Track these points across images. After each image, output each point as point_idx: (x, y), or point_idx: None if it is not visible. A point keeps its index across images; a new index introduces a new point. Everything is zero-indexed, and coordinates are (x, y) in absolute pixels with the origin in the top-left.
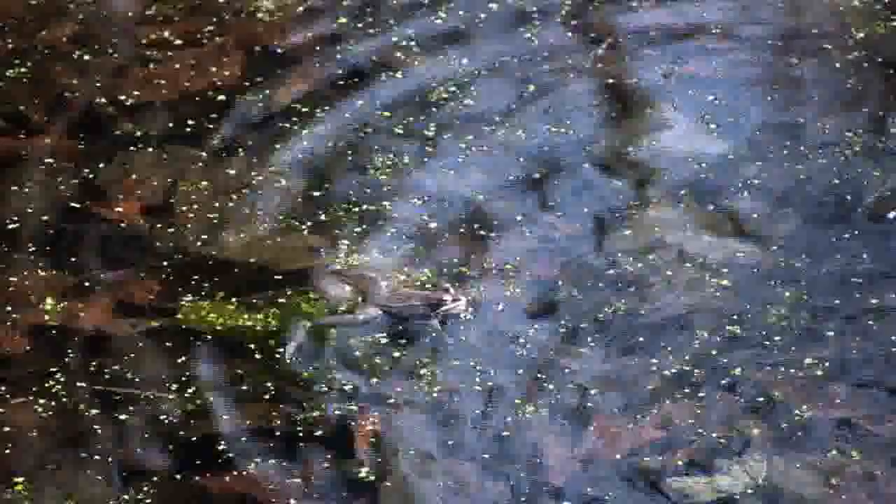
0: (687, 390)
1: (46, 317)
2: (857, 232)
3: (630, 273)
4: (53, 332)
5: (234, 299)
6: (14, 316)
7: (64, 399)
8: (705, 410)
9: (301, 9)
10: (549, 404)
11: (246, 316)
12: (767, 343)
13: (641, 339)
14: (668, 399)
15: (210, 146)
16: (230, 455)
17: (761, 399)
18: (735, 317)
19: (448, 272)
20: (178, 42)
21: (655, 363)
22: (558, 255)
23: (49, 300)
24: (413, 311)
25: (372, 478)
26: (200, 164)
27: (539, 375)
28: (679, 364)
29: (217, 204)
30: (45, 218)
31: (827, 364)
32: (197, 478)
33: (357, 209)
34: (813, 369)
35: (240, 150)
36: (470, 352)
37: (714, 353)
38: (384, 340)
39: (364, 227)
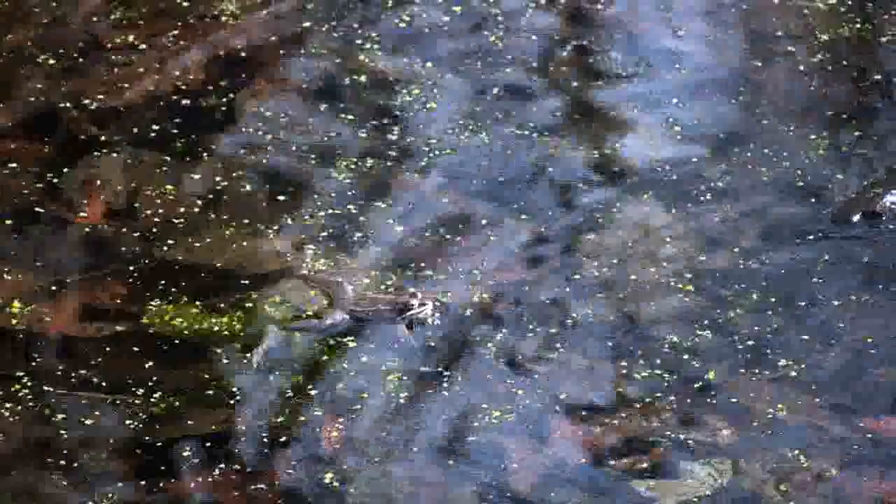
0: (655, 393)
1: (13, 320)
2: (822, 235)
3: (596, 277)
4: (19, 335)
5: (198, 303)
6: None
7: (30, 403)
8: (672, 413)
9: (264, 12)
10: (515, 408)
11: (211, 319)
12: (735, 346)
13: (609, 342)
14: (635, 402)
15: (174, 150)
16: (196, 459)
17: (729, 402)
18: (703, 320)
19: (414, 276)
20: (142, 46)
21: (623, 366)
22: (524, 259)
23: (16, 304)
24: (380, 316)
25: (337, 482)
26: (165, 167)
27: (505, 380)
28: (646, 367)
29: (182, 208)
30: (9, 222)
31: (795, 366)
32: (162, 483)
33: (322, 213)
34: (781, 371)
35: (204, 154)
36: (436, 356)
37: (682, 356)
38: (351, 345)
39: (330, 231)
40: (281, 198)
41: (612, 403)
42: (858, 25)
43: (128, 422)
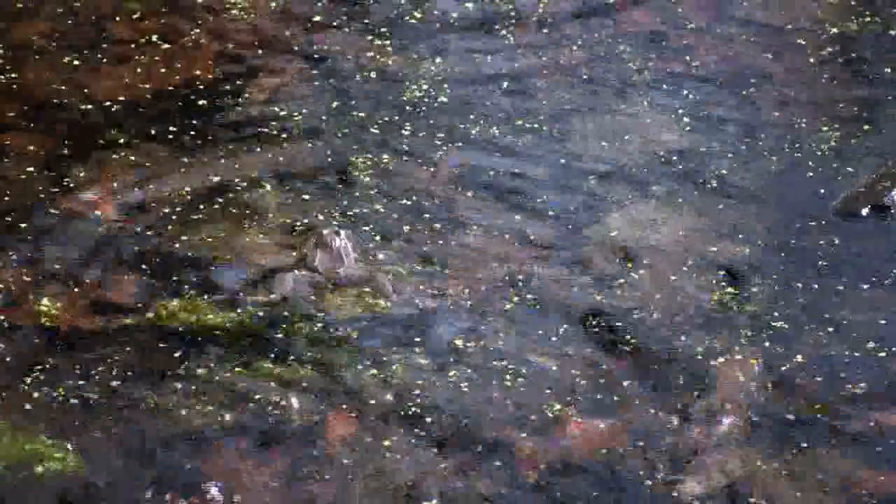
0: (664, 387)
1: (23, 315)
2: (830, 228)
3: (604, 271)
4: (30, 330)
5: (206, 297)
6: None
7: (40, 397)
8: (681, 409)
9: (274, 6)
10: (525, 404)
11: (219, 313)
12: (742, 341)
13: (616, 337)
14: (643, 399)
15: (184, 145)
16: (206, 451)
17: (737, 398)
18: (710, 312)
19: (429, 271)
20: (153, 39)
21: (632, 359)
22: (535, 252)
23: (27, 298)
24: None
25: (341, 476)
26: (175, 163)
27: (516, 377)
28: (655, 360)
29: (191, 203)
30: (18, 216)
31: (805, 360)
32: (170, 475)
33: (337, 208)
34: (788, 366)
35: (214, 149)
36: (452, 348)
37: (689, 351)
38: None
39: (347, 229)
40: (293, 193)
41: (621, 399)
42: (867, 19)
43: (137, 415)
